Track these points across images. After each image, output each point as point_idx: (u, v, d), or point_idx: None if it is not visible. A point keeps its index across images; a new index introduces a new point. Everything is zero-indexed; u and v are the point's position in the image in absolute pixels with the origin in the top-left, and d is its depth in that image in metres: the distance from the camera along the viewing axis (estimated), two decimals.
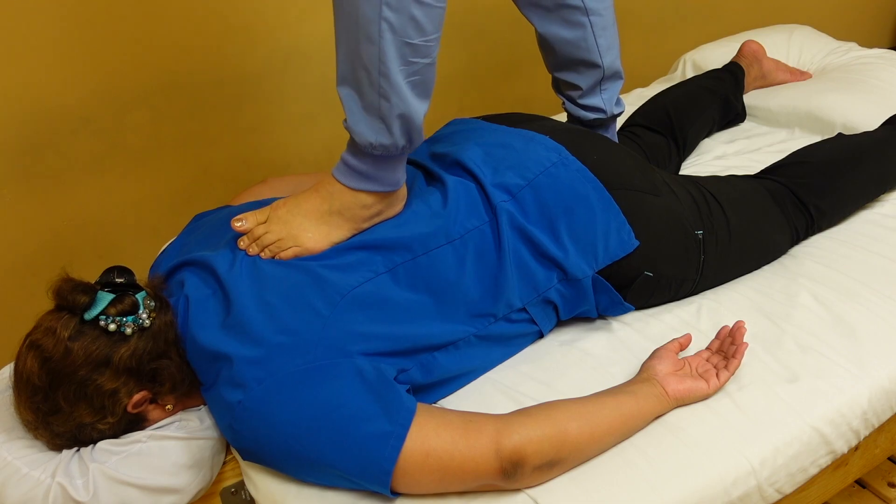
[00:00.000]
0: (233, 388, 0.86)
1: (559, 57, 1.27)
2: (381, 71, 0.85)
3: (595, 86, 1.27)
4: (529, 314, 1.02)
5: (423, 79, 0.88)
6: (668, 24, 2.24)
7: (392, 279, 0.94)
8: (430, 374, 0.95)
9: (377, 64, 0.85)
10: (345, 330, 0.89)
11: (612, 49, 1.24)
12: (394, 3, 0.81)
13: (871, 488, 1.32)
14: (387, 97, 0.87)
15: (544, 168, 1.03)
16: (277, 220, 0.97)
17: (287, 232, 0.96)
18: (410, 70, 0.86)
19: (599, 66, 1.24)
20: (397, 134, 0.90)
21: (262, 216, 0.98)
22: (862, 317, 1.06)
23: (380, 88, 0.86)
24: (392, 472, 0.82)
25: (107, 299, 0.89)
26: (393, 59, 0.84)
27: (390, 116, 0.88)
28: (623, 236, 1.03)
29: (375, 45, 0.84)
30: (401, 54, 0.84)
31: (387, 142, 0.90)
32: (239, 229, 0.97)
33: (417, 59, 0.86)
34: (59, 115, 1.51)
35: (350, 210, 0.96)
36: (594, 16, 1.20)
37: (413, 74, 0.87)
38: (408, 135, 0.91)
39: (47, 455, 0.92)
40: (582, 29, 1.21)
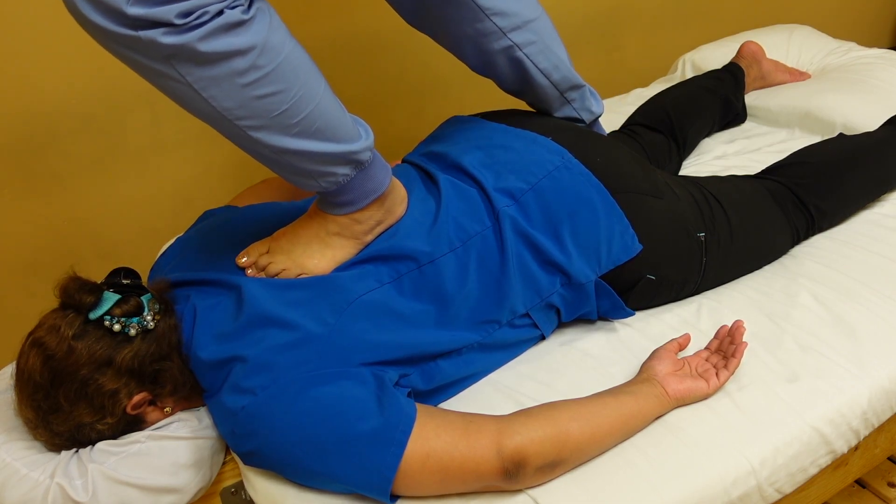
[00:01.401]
0: (237, 395, 0.86)
1: (508, 90, 1.23)
2: (275, 152, 0.82)
3: (557, 100, 1.23)
4: (532, 319, 1.02)
5: (321, 122, 0.83)
6: (668, 24, 2.24)
7: (396, 289, 0.94)
8: (432, 380, 0.95)
9: (264, 149, 0.82)
10: (349, 338, 0.89)
11: (559, 66, 1.19)
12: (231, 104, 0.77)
13: (871, 488, 1.32)
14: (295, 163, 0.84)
15: (547, 172, 1.03)
16: (280, 251, 0.96)
17: (292, 261, 0.95)
18: (301, 129, 0.82)
19: (553, 85, 1.20)
20: (336, 171, 0.87)
21: (263, 248, 0.97)
22: (862, 317, 1.06)
23: (289, 162, 0.84)
24: (392, 479, 0.82)
25: (112, 300, 0.89)
26: (275, 135, 0.81)
27: (317, 168, 0.86)
28: (626, 240, 1.03)
29: (254, 141, 0.81)
30: (279, 129, 0.80)
31: (332, 180, 0.88)
32: (242, 265, 0.97)
33: (298, 117, 0.81)
34: (59, 115, 1.51)
35: (348, 229, 0.95)
36: (528, 46, 1.14)
37: (307, 130, 0.82)
38: (346, 164, 0.87)
39: (46, 456, 0.92)
40: (520, 63, 1.15)
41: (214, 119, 0.79)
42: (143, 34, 0.71)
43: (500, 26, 1.11)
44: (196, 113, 0.80)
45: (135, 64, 0.76)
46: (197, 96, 0.76)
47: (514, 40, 1.13)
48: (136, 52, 0.74)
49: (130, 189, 1.65)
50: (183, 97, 0.78)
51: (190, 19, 0.71)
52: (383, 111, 1.88)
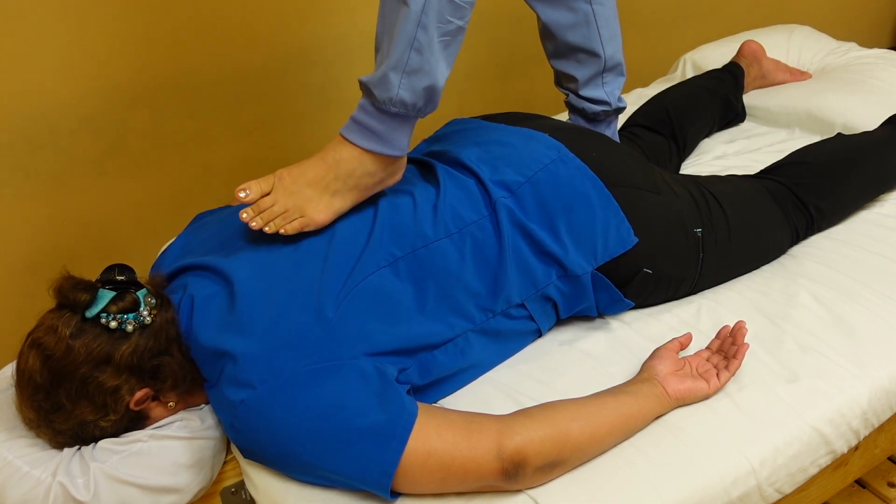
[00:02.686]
0: (236, 388, 0.86)
1: (560, 45, 1.27)
2: (421, 23, 0.87)
3: (597, 76, 1.27)
4: (528, 310, 1.02)
5: (453, 41, 0.91)
6: (668, 24, 2.24)
7: (393, 272, 0.94)
8: (429, 373, 0.95)
9: (419, 16, 0.87)
10: (349, 329, 0.89)
11: (613, 40, 1.25)
12: None
13: (871, 488, 1.32)
14: (420, 51, 0.88)
15: (543, 165, 1.04)
16: (283, 191, 0.96)
17: (293, 203, 0.95)
18: (445, 30, 0.89)
19: (600, 56, 1.25)
20: (419, 92, 0.91)
21: (266, 186, 0.96)
22: (862, 317, 1.06)
23: (415, 41, 0.88)
24: (393, 475, 0.82)
25: (108, 297, 0.89)
26: (434, 13, 0.87)
27: (419, 72, 0.90)
28: (622, 233, 1.03)
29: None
30: (440, 10, 0.87)
31: (408, 99, 0.91)
32: (243, 200, 0.96)
33: (454, 19, 0.89)
34: (59, 115, 1.51)
35: (354, 177, 0.96)
36: (597, 5, 1.21)
37: (445, 35, 0.89)
38: (427, 96, 0.92)
39: (48, 454, 0.92)
40: (584, 17, 1.21)
41: None
42: None
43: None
44: None
45: None
46: None
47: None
48: None
49: (130, 189, 1.65)
50: None
51: None
52: None
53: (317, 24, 1.70)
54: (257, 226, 0.95)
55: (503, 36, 1.96)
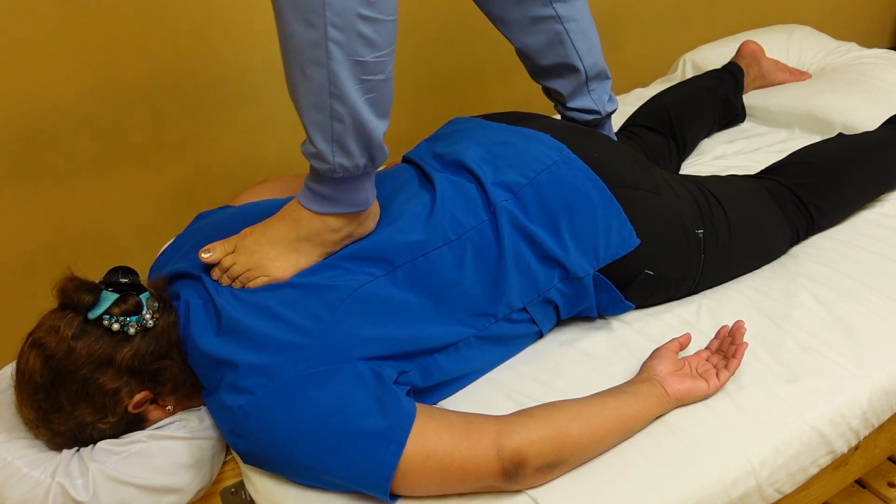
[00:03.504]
0: (235, 394, 0.86)
1: (538, 66, 1.25)
2: (332, 93, 0.82)
3: (581, 87, 1.25)
4: (530, 314, 1.02)
5: (379, 96, 0.85)
6: (668, 24, 2.24)
7: (391, 281, 0.94)
8: (430, 376, 0.95)
9: (327, 87, 0.82)
10: (346, 334, 0.89)
11: (592, 50, 1.22)
12: (339, 21, 0.78)
13: (871, 488, 1.32)
14: (340, 119, 0.84)
15: (546, 166, 1.03)
16: (244, 251, 0.95)
17: (254, 262, 0.94)
18: (365, 88, 0.83)
19: (580, 70, 1.22)
20: (356, 154, 0.87)
21: (229, 246, 0.96)
22: (862, 317, 1.06)
23: (332, 111, 0.84)
24: (392, 477, 0.82)
25: (111, 299, 0.89)
26: (345, 79, 0.82)
27: (346, 137, 0.85)
28: (624, 234, 1.03)
29: (324, 68, 0.81)
30: (353, 73, 0.82)
31: (347, 164, 0.87)
32: (206, 260, 0.95)
33: (371, 76, 0.83)
34: (59, 115, 1.51)
35: (318, 235, 0.94)
36: (569, 22, 1.18)
37: (368, 92, 0.84)
38: (368, 153, 0.88)
39: (47, 455, 0.92)
40: (557, 36, 1.18)
41: (311, 25, 0.79)
42: None
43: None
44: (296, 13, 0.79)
45: None
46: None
47: (557, 11, 1.15)
48: None
49: (130, 189, 1.66)
50: None
51: None
52: None
53: None
54: (225, 283, 0.95)
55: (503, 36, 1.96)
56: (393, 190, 1.04)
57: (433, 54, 1.88)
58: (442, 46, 1.88)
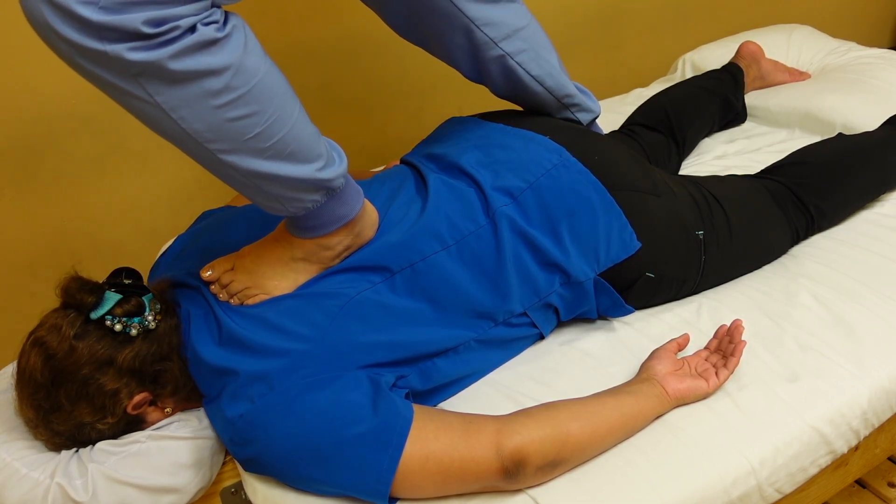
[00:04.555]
0: (235, 403, 0.86)
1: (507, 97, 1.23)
2: (244, 174, 0.79)
3: (555, 105, 1.22)
4: (530, 318, 1.02)
5: (295, 147, 0.80)
6: (668, 24, 2.24)
7: (390, 288, 0.94)
8: (430, 380, 0.95)
9: (234, 173, 0.79)
10: (345, 341, 0.89)
11: (552, 73, 1.18)
12: (201, 126, 0.74)
13: (871, 488, 1.32)
14: (265, 188, 0.81)
15: (545, 170, 1.03)
16: (242, 270, 0.95)
17: (252, 281, 0.94)
18: (274, 152, 0.78)
19: (547, 93, 1.20)
20: (304, 197, 0.84)
21: (228, 264, 0.96)
22: (862, 317, 1.06)
23: (255, 185, 0.81)
24: (391, 482, 0.82)
25: (114, 300, 0.89)
26: (247, 159, 0.77)
27: (284, 194, 0.83)
28: (625, 238, 1.03)
29: (224, 165, 0.78)
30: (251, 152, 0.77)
31: (300, 205, 0.85)
32: (206, 279, 0.96)
33: (271, 140, 0.77)
34: (59, 115, 1.51)
35: (314, 255, 0.93)
36: (519, 55, 1.14)
37: (278, 154, 0.79)
38: (316, 190, 0.85)
39: (46, 456, 0.92)
40: (513, 73, 1.15)
41: (182, 141, 0.75)
42: (111, 48, 0.67)
43: (490, 36, 1.11)
44: (164, 135, 0.76)
45: (101, 82, 0.72)
46: (165, 117, 0.73)
47: (505, 49, 1.13)
48: (102, 69, 0.70)
49: (130, 189, 1.65)
50: (150, 118, 0.74)
51: (160, 31, 0.67)
52: (382, 111, 1.88)
53: (317, 24, 1.70)
54: (223, 299, 0.95)
55: None
56: (390, 194, 1.03)
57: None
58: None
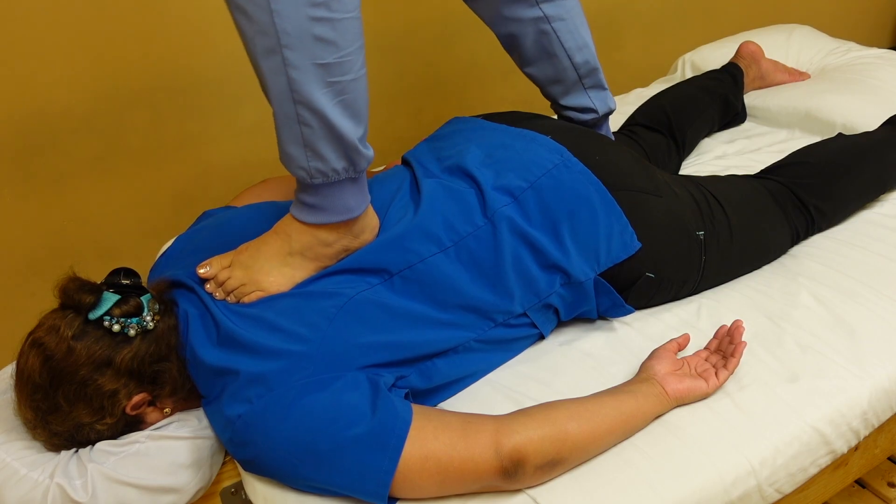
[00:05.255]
0: (234, 403, 0.86)
1: (525, 59, 1.24)
2: (295, 99, 0.81)
3: (574, 85, 1.24)
4: (530, 318, 1.01)
5: (351, 97, 0.83)
6: (668, 24, 2.24)
7: (389, 289, 0.94)
8: (430, 380, 0.95)
9: (289, 93, 0.80)
10: (343, 342, 0.89)
11: (583, 49, 1.20)
12: (290, 27, 0.77)
13: (871, 488, 1.32)
14: (307, 123, 0.82)
15: (546, 170, 1.03)
16: (239, 265, 0.95)
17: (249, 277, 0.94)
18: (333, 91, 0.81)
19: (572, 68, 1.21)
20: (331, 158, 0.85)
21: (225, 261, 0.96)
22: (862, 317, 1.06)
23: (298, 116, 0.82)
24: (389, 484, 0.82)
25: (112, 300, 0.89)
26: (307, 84, 0.80)
27: (317, 142, 0.84)
28: (626, 238, 1.03)
29: (283, 75, 0.79)
30: (316, 78, 0.80)
31: (323, 168, 0.85)
32: (203, 276, 0.96)
33: (337, 77, 0.81)
34: (59, 115, 1.51)
35: (311, 249, 0.93)
36: (557, 21, 1.16)
37: (338, 94, 0.82)
38: (345, 157, 0.86)
39: (46, 456, 0.92)
40: (545, 37, 1.17)
41: (264, 33, 0.77)
42: None
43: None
44: (250, 25, 0.78)
45: None
46: (264, 3, 0.76)
47: (545, 11, 1.14)
48: None
49: (130, 189, 1.66)
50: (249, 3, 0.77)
51: None
52: (383, 111, 1.88)
53: None
54: (219, 297, 0.95)
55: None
56: (389, 197, 1.03)
57: (433, 54, 1.88)
58: (442, 46, 1.88)
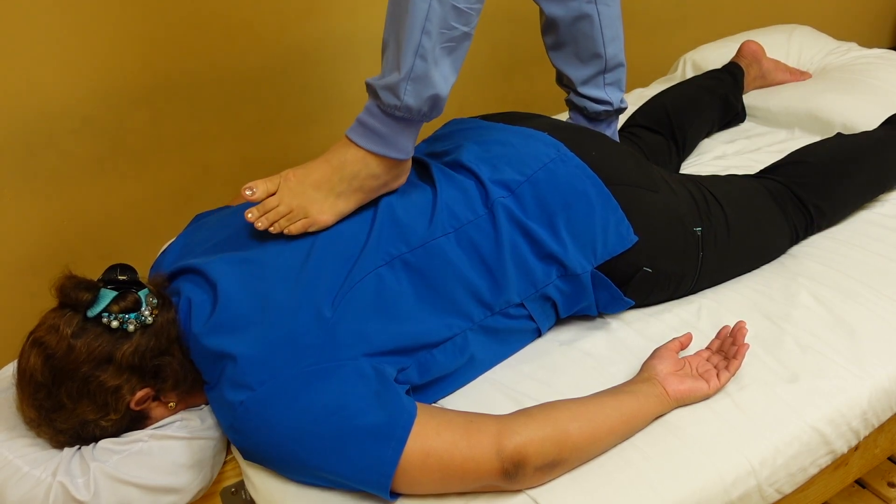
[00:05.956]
0: (236, 389, 0.86)
1: (561, 42, 1.27)
2: (425, 29, 0.87)
3: (598, 76, 1.27)
4: (527, 310, 1.02)
5: (457, 46, 0.91)
6: (668, 24, 2.24)
7: (391, 271, 0.94)
8: (429, 372, 0.95)
9: (423, 22, 0.87)
10: (347, 330, 0.89)
11: (616, 40, 1.25)
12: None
13: (871, 488, 1.32)
14: (424, 57, 0.89)
15: (542, 164, 1.04)
16: (288, 191, 0.96)
17: (297, 203, 0.96)
18: (449, 35, 0.89)
19: (602, 56, 1.25)
20: (424, 99, 0.92)
21: (272, 185, 0.97)
22: (862, 317, 1.06)
23: (419, 47, 0.88)
24: (392, 475, 0.82)
25: (109, 296, 0.89)
26: (438, 19, 0.87)
27: (424, 78, 0.90)
28: (622, 231, 1.03)
29: (426, 2, 0.86)
30: (444, 16, 0.87)
31: (413, 104, 0.92)
32: (249, 198, 0.96)
33: (459, 25, 0.89)
34: (59, 115, 1.51)
35: (359, 179, 0.96)
36: (602, 5, 1.21)
37: (450, 41, 0.89)
38: (432, 103, 0.93)
39: (48, 454, 0.92)
40: (588, 19, 1.21)
41: None
42: None
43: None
44: None
45: None
46: None
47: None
48: None
49: (130, 189, 1.66)
50: None
51: None
52: None
53: (317, 24, 1.70)
54: (262, 226, 0.96)
55: (503, 36, 1.96)
56: None
57: None
58: None
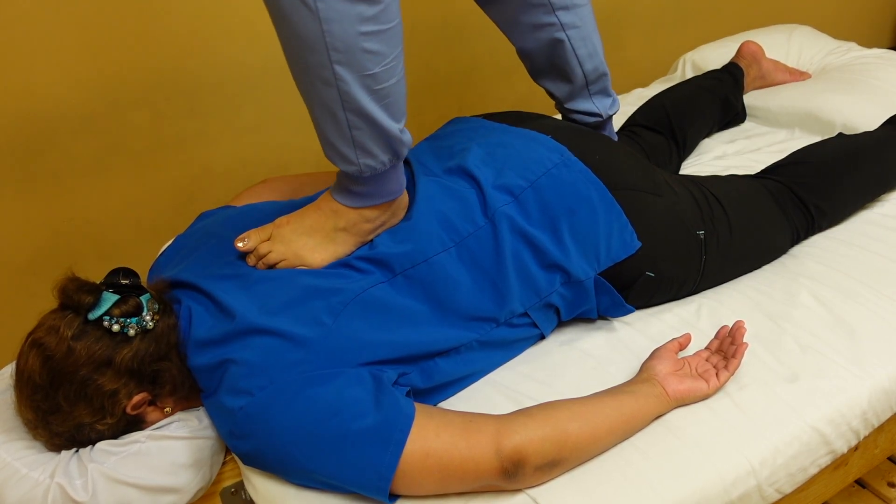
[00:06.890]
0: (235, 395, 0.86)
1: (537, 68, 1.26)
2: (345, 107, 0.84)
3: (581, 91, 1.25)
4: (531, 318, 1.02)
5: (393, 99, 0.87)
6: (668, 24, 2.24)
7: (392, 287, 0.94)
8: (431, 378, 0.95)
9: (340, 102, 0.84)
10: (347, 339, 0.89)
11: (593, 56, 1.22)
12: (341, 45, 0.79)
13: (871, 488, 1.32)
14: (357, 127, 0.86)
15: (546, 169, 1.03)
16: (281, 240, 0.96)
17: (291, 251, 0.95)
18: (378, 96, 0.84)
19: (580, 75, 1.23)
20: (379, 153, 0.89)
21: (264, 234, 0.97)
22: (862, 317, 1.06)
23: (348, 121, 0.85)
24: (391, 479, 0.82)
25: (111, 300, 0.89)
26: (356, 93, 0.83)
27: (367, 141, 0.87)
28: (625, 237, 1.03)
29: (333, 87, 0.82)
30: (363, 87, 0.83)
31: (373, 163, 0.89)
32: (242, 249, 0.97)
33: (382, 84, 0.84)
34: (59, 115, 1.51)
35: (355, 226, 0.96)
36: (571, 29, 1.18)
37: (382, 99, 0.85)
38: (390, 150, 0.89)
39: (46, 456, 0.92)
40: (560, 44, 1.19)
41: (314, 51, 0.80)
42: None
43: (550, 1, 1.15)
44: (297, 42, 0.80)
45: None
46: (316, 26, 0.78)
47: (560, 19, 1.16)
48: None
49: (130, 189, 1.66)
50: (299, 21, 0.78)
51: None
52: None
53: None
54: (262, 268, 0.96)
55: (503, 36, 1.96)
56: None
57: (433, 54, 1.88)
58: (442, 46, 1.88)
